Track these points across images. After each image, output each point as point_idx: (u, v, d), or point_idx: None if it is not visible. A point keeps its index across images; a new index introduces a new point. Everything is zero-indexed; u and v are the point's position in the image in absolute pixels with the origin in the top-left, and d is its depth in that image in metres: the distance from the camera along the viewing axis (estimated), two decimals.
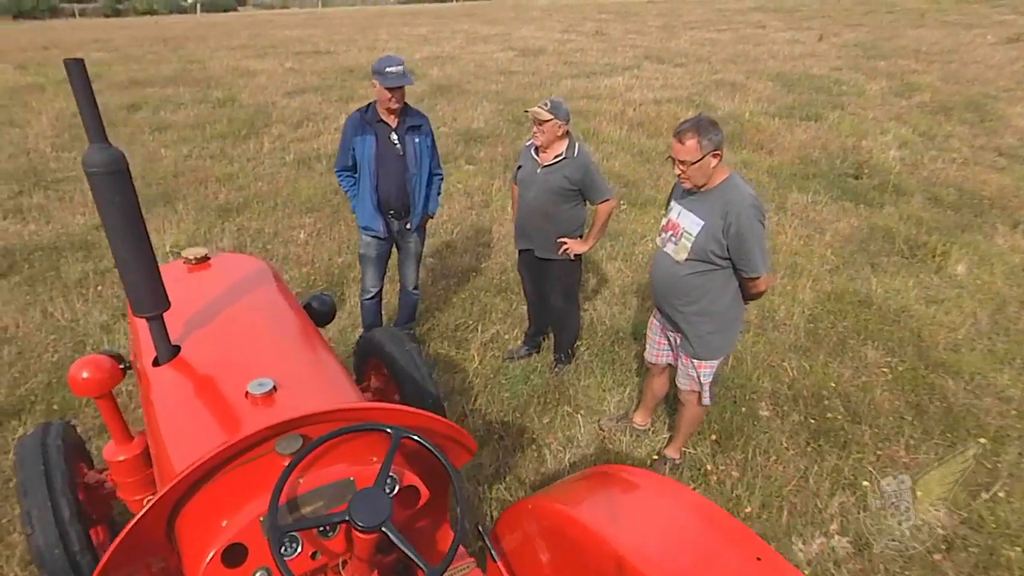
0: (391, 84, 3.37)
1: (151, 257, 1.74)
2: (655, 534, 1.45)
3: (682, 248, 2.75)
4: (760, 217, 2.58)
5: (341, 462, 1.49)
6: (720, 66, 15.01)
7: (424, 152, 3.67)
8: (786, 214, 6.60)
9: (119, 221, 1.65)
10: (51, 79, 12.62)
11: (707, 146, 2.53)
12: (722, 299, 2.79)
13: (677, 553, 1.40)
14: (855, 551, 2.86)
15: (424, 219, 3.87)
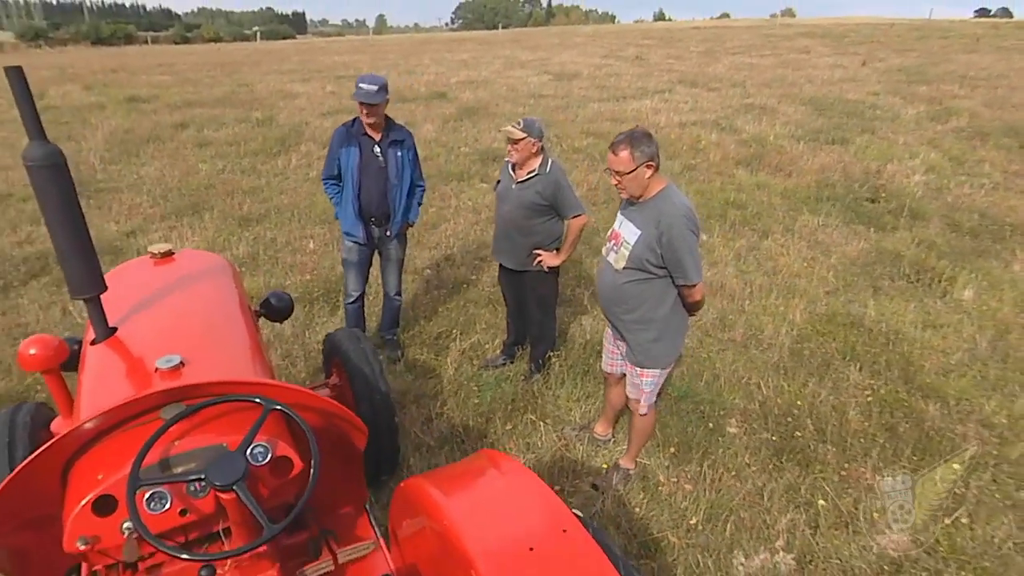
0: (359, 99, 3.60)
1: (88, 243, 1.94)
2: (486, 511, 1.53)
3: (621, 257, 2.82)
4: (692, 227, 2.65)
5: (219, 431, 1.63)
6: (754, 90, 14.93)
7: (406, 165, 3.87)
8: (792, 236, 6.52)
9: (56, 210, 1.86)
10: (112, 99, 13.57)
11: (640, 157, 2.61)
12: (661, 308, 2.84)
13: (498, 528, 1.47)
14: (797, 568, 2.82)
15: (404, 227, 4.04)
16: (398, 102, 13.62)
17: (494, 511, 1.53)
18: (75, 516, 1.47)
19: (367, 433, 1.96)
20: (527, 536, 1.43)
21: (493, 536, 1.43)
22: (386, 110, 3.83)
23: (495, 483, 1.61)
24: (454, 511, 1.47)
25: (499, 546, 1.40)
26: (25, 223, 6.88)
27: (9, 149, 9.84)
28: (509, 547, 1.40)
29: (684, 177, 8.45)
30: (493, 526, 1.47)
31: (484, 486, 1.63)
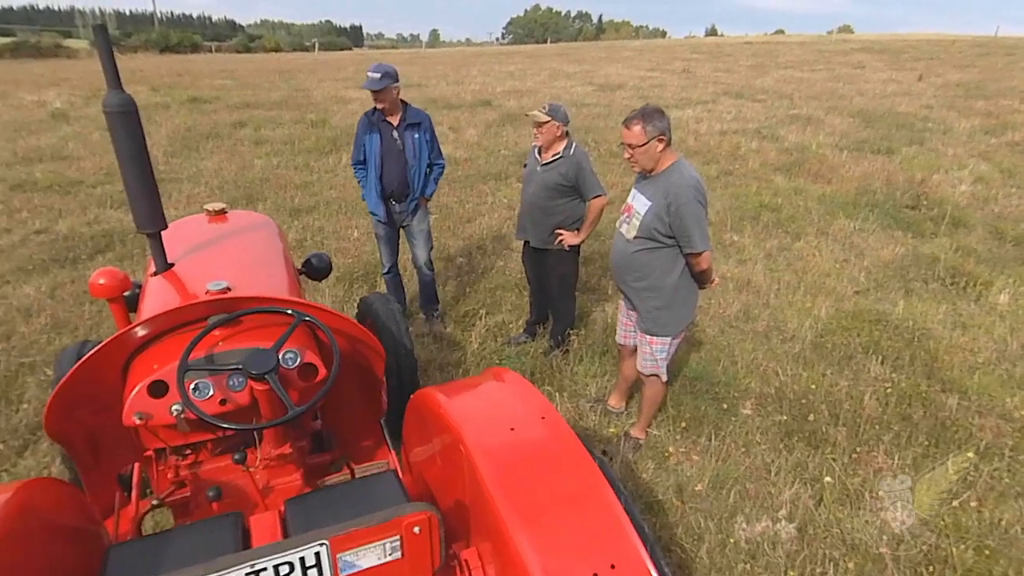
0: (365, 87, 3.92)
1: (153, 184, 2.22)
2: (477, 403, 1.71)
3: (632, 227, 2.98)
4: (699, 198, 2.78)
5: (256, 338, 1.87)
6: (801, 102, 14.78)
7: (422, 146, 4.14)
8: (826, 238, 6.51)
9: (127, 152, 2.14)
10: (175, 99, 14.40)
11: (651, 131, 2.77)
12: (669, 276, 2.97)
13: (485, 413, 1.65)
14: (798, 536, 2.89)
15: (420, 200, 4.30)
16: (444, 108, 14.03)
17: (485, 403, 1.71)
18: (133, 396, 1.73)
19: (385, 357, 2.18)
20: (510, 419, 1.61)
21: (480, 418, 1.61)
22: (426, 109, 4.14)
23: (491, 385, 1.80)
24: (451, 404, 1.65)
25: (484, 424, 1.58)
26: (94, 206, 7.44)
27: (81, 141, 10.60)
28: (492, 425, 1.58)
29: (720, 182, 8.49)
30: (481, 412, 1.66)
31: (481, 388, 1.81)
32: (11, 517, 1.30)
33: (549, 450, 1.54)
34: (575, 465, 1.49)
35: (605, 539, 1.33)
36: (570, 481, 1.45)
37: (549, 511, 1.36)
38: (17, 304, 4.92)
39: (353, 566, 1.28)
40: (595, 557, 1.29)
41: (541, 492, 1.40)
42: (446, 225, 6.93)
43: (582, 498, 1.41)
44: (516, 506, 1.34)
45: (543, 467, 1.48)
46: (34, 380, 3.94)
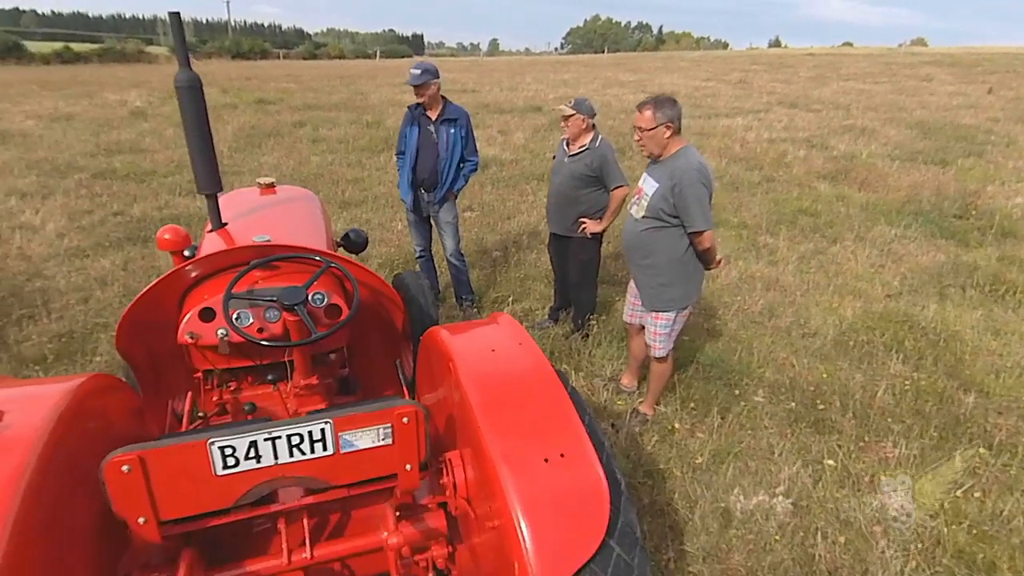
0: (408, 82, 4.21)
1: (212, 151, 2.56)
2: (470, 336, 1.95)
3: (641, 208, 3.19)
4: (703, 180, 2.97)
5: (290, 279, 2.17)
6: (858, 113, 14.50)
7: (456, 141, 4.42)
8: (863, 243, 6.47)
9: (192, 122, 2.49)
10: (243, 100, 15.31)
11: (660, 118, 2.98)
12: (673, 255, 3.16)
13: (473, 341, 1.89)
14: (793, 511, 3.00)
15: (448, 194, 4.57)
16: (495, 113, 14.41)
17: (476, 334, 1.96)
18: (187, 319, 2.06)
19: (403, 309, 2.46)
20: (492, 343, 1.85)
21: (469, 343, 1.86)
22: (479, 114, 4.43)
23: (486, 324, 2.04)
24: (449, 336, 1.91)
25: (470, 346, 1.83)
26: (164, 193, 8.09)
27: (156, 137, 11.44)
28: (477, 348, 1.83)
29: (761, 188, 8.50)
30: (471, 339, 1.91)
31: (478, 326, 2.06)
32: (71, 407, 1.55)
33: (519, 366, 1.77)
34: (539, 378, 1.71)
35: (557, 433, 1.55)
36: (533, 390, 1.68)
37: (513, 413, 1.59)
38: (95, 274, 5.47)
39: (352, 445, 1.54)
40: (547, 446, 1.51)
41: (508, 398, 1.64)
42: (486, 222, 7.22)
43: (542, 402, 1.63)
44: (487, 410, 1.58)
45: (512, 379, 1.72)
46: (106, 337, 4.41)
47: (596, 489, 1.47)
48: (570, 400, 1.66)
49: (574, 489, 1.46)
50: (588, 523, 1.43)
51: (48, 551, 1.33)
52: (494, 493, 1.48)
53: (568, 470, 1.49)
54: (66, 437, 1.48)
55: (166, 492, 1.44)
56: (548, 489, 1.44)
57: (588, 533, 1.42)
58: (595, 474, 1.49)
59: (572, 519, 1.42)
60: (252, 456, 1.47)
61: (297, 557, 1.74)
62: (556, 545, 1.38)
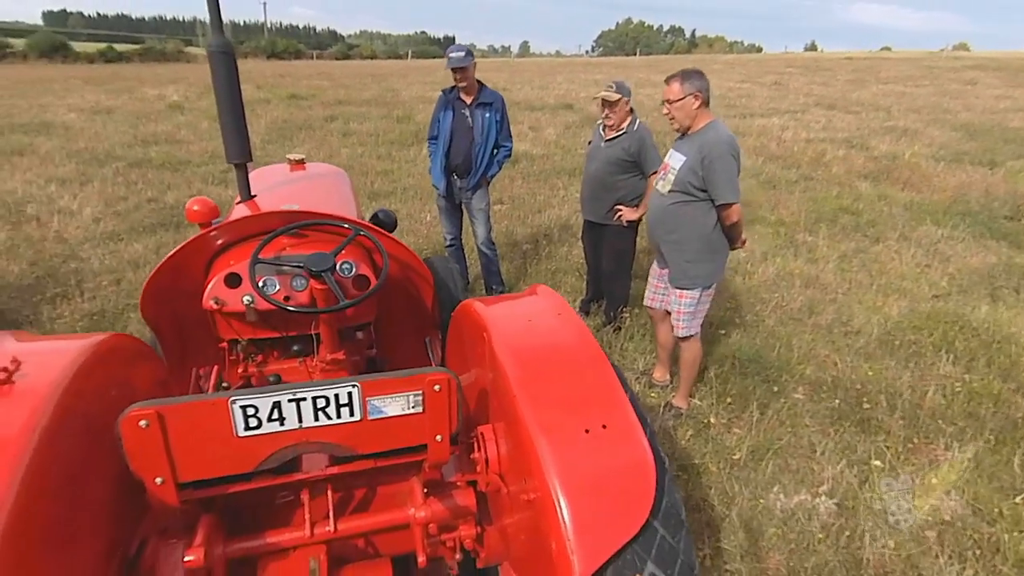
0: (450, 66, 4.13)
1: (243, 120, 2.51)
2: (506, 305, 1.85)
3: (668, 182, 3.13)
4: (732, 153, 2.91)
5: (319, 247, 2.09)
6: (899, 115, 14.08)
7: (491, 125, 4.33)
8: (908, 243, 6.21)
9: (224, 89, 2.43)
10: (276, 95, 15.49)
11: (688, 88, 2.94)
12: (699, 231, 3.09)
13: (509, 310, 1.79)
14: (837, 512, 2.84)
15: (481, 180, 4.48)
16: (526, 110, 14.33)
17: (512, 304, 1.86)
18: (212, 284, 2.00)
19: (433, 286, 2.37)
20: (529, 313, 1.75)
21: (504, 313, 1.76)
22: (509, 110, 4.42)
23: (525, 297, 1.94)
24: (483, 307, 1.80)
25: (505, 316, 1.73)
26: (198, 182, 8.18)
27: (192, 129, 11.61)
28: (513, 317, 1.73)
29: (799, 186, 8.25)
30: (506, 309, 1.80)
31: (516, 299, 1.95)
32: (91, 362, 1.48)
33: (559, 336, 1.66)
34: (580, 348, 1.60)
35: (598, 404, 1.44)
36: (573, 359, 1.57)
37: (551, 383, 1.49)
38: (128, 257, 5.52)
39: (380, 411, 1.45)
40: (588, 418, 1.40)
41: (546, 368, 1.53)
42: (516, 214, 7.13)
43: (582, 372, 1.52)
44: (524, 380, 1.47)
45: (551, 348, 1.61)
46: (136, 317, 4.42)
47: (641, 463, 1.36)
48: (613, 370, 1.55)
49: (617, 463, 1.35)
50: (631, 500, 1.32)
51: (59, 508, 1.26)
52: (530, 466, 1.38)
53: (611, 442, 1.38)
54: (84, 392, 1.42)
55: (185, 452, 1.37)
56: (589, 462, 1.34)
57: (631, 510, 1.31)
58: (640, 447, 1.38)
59: (614, 495, 1.31)
60: (275, 418, 1.39)
61: (320, 530, 1.65)
62: (596, 522, 1.28)
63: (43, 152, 9.50)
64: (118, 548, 1.49)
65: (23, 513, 1.13)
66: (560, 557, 1.26)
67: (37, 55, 34.84)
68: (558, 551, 1.27)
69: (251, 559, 1.63)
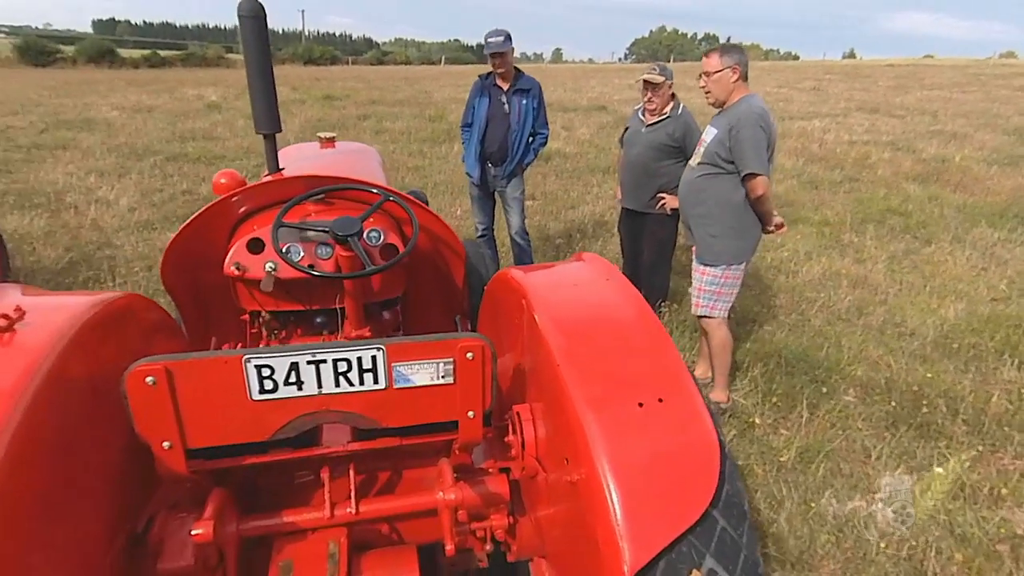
0: (489, 51, 4.02)
1: (272, 90, 2.42)
2: (547, 270, 1.70)
3: (698, 155, 3.06)
4: (762, 124, 2.80)
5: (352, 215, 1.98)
6: (946, 119, 13.56)
7: (528, 112, 4.21)
8: (962, 245, 5.89)
9: (254, 56, 2.34)
10: (311, 96, 15.66)
11: (727, 60, 2.85)
12: (726, 205, 2.97)
13: (550, 277, 1.63)
14: (898, 522, 2.61)
15: (517, 168, 4.35)
16: (559, 111, 14.20)
17: (554, 271, 1.70)
18: (234, 249, 1.90)
19: (464, 259, 2.24)
20: (574, 279, 1.59)
21: (546, 279, 1.61)
22: (548, 110, 4.37)
23: (569, 264, 1.78)
24: (521, 274, 1.65)
25: (547, 282, 1.58)
26: None
27: (228, 127, 11.75)
28: (556, 284, 1.57)
29: (843, 187, 7.94)
30: (548, 275, 1.65)
31: (558, 265, 1.80)
32: (100, 318, 1.37)
33: (607, 302, 1.51)
34: (631, 314, 1.45)
35: (653, 375, 1.28)
36: (623, 327, 1.41)
37: (599, 353, 1.33)
38: (160, 245, 5.52)
39: (407, 380, 1.32)
40: (643, 390, 1.24)
41: (594, 336, 1.37)
42: (549, 210, 7.00)
43: (634, 340, 1.37)
44: (568, 350, 1.32)
45: (598, 315, 1.46)
46: (165, 301, 4.38)
47: (702, 442, 1.19)
48: (670, 339, 1.39)
49: (674, 441, 1.19)
50: (690, 483, 1.15)
51: (56, 474, 1.15)
52: (575, 446, 1.22)
53: (668, 418, 1.21)
54: (90, 349, 1.31)
55: (195, 414, 1.26)
56: (642, 439, 1.17)
57: (690, 496, 1.14)
58: (702, 424, 1.22)
59: (671, 477, 1.14)
60: (292, 382, 1.27)
61: (341, 512, 1.52)
62: (650, 508, 1.11)
63: (85, 146, 9.69)
64: (124, 522, 1.38)
65: (11, 476, 1.01)
66: (607, 547, 1.10)
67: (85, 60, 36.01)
68: (605, 539, 1.11)
69: (266, 540, 1.51)
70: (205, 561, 1.42)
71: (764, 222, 3.06)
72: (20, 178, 7.60)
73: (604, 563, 1.11)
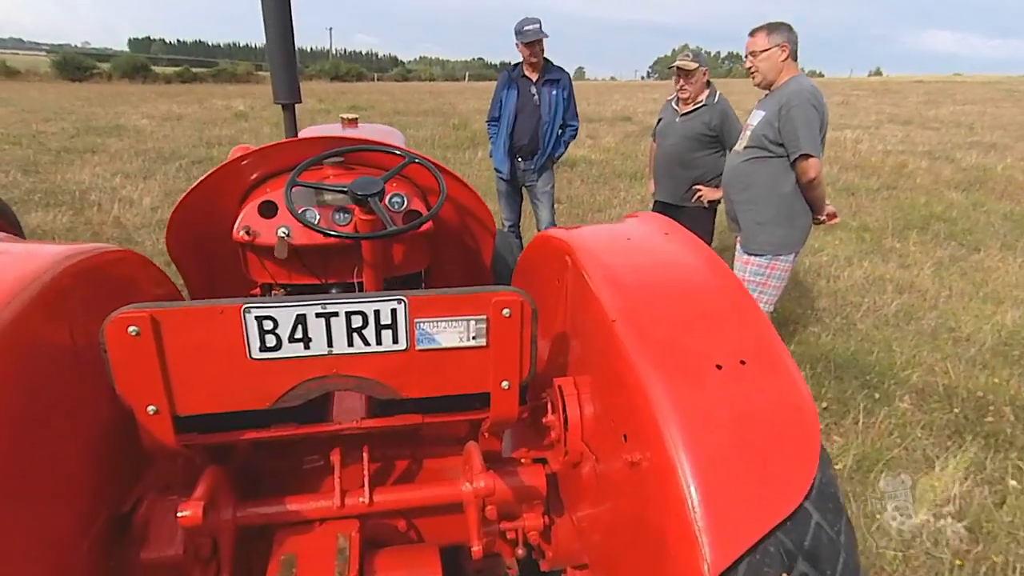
0: (528, 40, 3.85)
1: (292, 60, 2.28)
2: (600, 229, 1.47)
3: (744, 139, 2.87)
4: (815, 103, 2.61)
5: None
6: (984, 131, 13.17)
7: (559, 103, 4.04)
8: (1013, 252, 5.57)
9: (275, 27, 2.21)
10: (336, 107, 15.74)
11: (776, 39, 2.68)
12: (773, 191, 2.77)
13: (602, 233, 1.42)
14: (970, 538, 2.34)
15: (547, 161, 4.17)
16: (584, 121, 14.03)
17: (603, 229, 1.49)
18: (245, 213, 1.74)
19: (494, 235, 2.05)
20: (627, 233, 1.39)
21: (596, 234, 1.41)
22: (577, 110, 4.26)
23: (621, 222, 1.55)
24: (567, 231, 1.43)
25: (598, 237, 1.37)
26: None
27: (253, 134, 11.81)
28: (606, 238, 1.37)
29: (881, 195, 7.64)
30: (598, 230, 1.45)
31: (609, 223, 1.58)
32: (83, 268, 1.19)
33: (669, 254, 1.30)
34: (698, 263, 1.24)
35: (734, 333, 1.06)
36: (690, 279, 1.20)
37: (664, 308, 1.12)
38: None
39: (432, 339, 1.13)
40: (720, 350, 1.02)
41: (654, 293, 1.16)
42: (576, 212, 6.83)
43: (703, 292, 1.15)
44: (626, 307, 1.10)
45: (659, 269, 1.25)
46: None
47: (796, 412, 0.96)
48: (747, 293, 1.18)
49: (762, 410, 0.96)
50: (784, 464, 0.92)
51: (21, 443, 0.97)
52: (637, 419, 1.01)
53: (753, 381, 0.99)
54: (69, 303, 1.13)
55: (185, 374, 1.08)
56: (722, 408, 0.95)
57: (783, 480, 0.91)
58: (795, 388, 0.99)
59: (759, 456, 0.92)
60: (299, 338, 1.09)
61: (352, 501, 1.33)
62: (734, 495, 0.88)
63: (113, 150, 9.77)
64: (104, 504, 1.20)
65: None
66: (681, 543, 0.87)
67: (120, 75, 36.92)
68: (678, 534, 0.89)
69: (267, 531, 1.32)
70: (196, 551, 1.23)
71: (815, 209, 2.86)
72: (47, 178, 7.63)
73: (675, 564, 0.89)
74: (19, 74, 34.39)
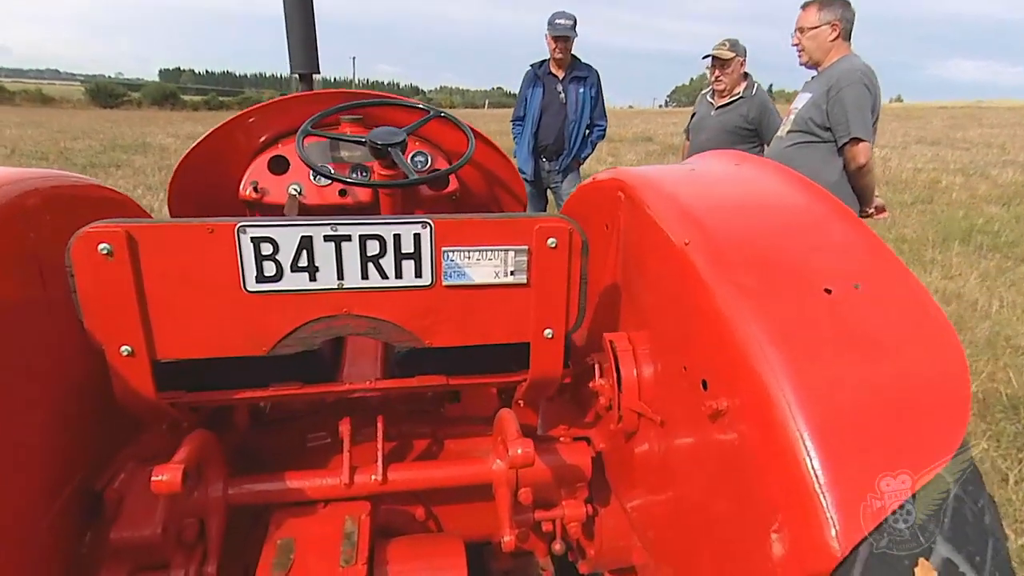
0: (557, 33, 3.72)
1: (312, 29, 2.15)
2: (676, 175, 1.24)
3: (788, 123, 2.69)
4: (867, 83, 2.43)
5: None
6: (1016, 151, 12.82)
7: (586, 102, 3.89)
8: None
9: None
10: None
11: (826, 16, 2.49)
12: (817, 175, 2.51)
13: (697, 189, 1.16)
14: None
15: (573, 162, 4.01)
16: (605, 142, 14.02)
17: (665, 166, 1.30)
18: (253, 167, 1.59)
19: (525, 205, 1.88)
20: (691, 165, 1.21)
21: (655, 171, 1.21)
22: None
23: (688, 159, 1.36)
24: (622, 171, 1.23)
25: (658, 171, 1.18)
26: None
27: None
28: (669, 171, 1.18)
29: (915, 208, 7.39)
30: (658, 169, 1.24)
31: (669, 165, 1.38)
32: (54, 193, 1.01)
33: (746, 176, 1.11)
34: (788, 182, 1.03)
35: (841, 254, 0.86)
36: (778, 195, 1.00)
37: (749, 228, 0.91)
38: None
39: (462, 273, 0.94)
40: (827, 272, 0.82)
41: (738, 216, 0.95)
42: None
43: (796, 210, 0.96)
44: (702, 239, 0.88)
45: (739, 189, 1.06)
46: None
47: (936, 341, 0.75)
48: (855, 215, 0.97)
49: (889, 343, 0.75)
50: (919, 418, 0.71)
51: None
52: (722, 361, 0.80)
53: (875, 309, 0.78)
54: (34, 227, 0.95)
55: (166, 308, 0.90)
56: (838, 339, 0.75)
57: (919, 439, 0.70)
58: (931, 317, 0.78)
59: (888, 405, 0.70)
60: (303, 266, 0.91)
61: (362, 479, 1.13)
62: (860, 458, 0.67)
63: (137, 165, 9.88)
64: (75, 474, 1.02)
65: None
66: (797, 515, 0.67)
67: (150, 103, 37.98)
68: (789, 503, 0.68)
69: (263, 512, 1.13)
70: (179, 534, 1.04)
71: (863, 200, 2.65)
72: None
73: (787, 533, 0.68)
74: (53, 101, 35.54)
